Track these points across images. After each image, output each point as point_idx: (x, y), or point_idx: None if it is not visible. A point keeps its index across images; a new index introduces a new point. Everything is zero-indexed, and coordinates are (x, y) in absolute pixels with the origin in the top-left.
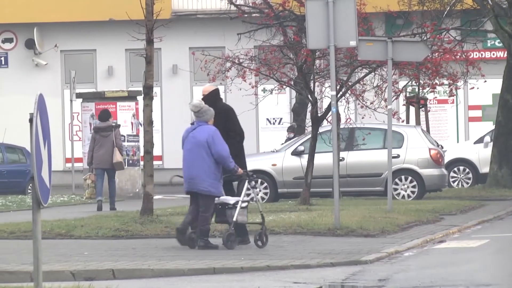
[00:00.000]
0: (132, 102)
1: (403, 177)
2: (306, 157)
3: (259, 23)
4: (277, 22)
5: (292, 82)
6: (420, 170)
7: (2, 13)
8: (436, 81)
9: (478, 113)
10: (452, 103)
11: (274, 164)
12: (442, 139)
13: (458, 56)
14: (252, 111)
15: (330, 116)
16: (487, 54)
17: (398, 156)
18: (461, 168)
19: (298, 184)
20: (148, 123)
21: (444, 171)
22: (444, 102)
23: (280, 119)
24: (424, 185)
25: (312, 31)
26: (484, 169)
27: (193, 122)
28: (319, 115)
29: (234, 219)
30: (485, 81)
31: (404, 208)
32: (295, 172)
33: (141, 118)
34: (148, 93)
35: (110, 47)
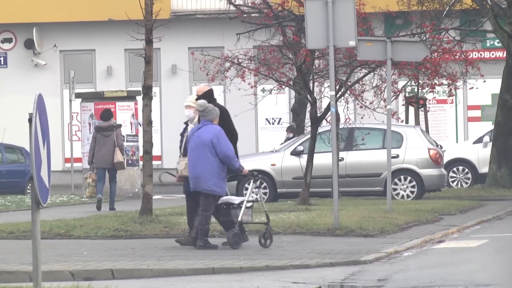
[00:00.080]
0: (131, 102)
1: (402, 177)
2: (305, 157)
3: (258, 23)
4: (276, 22)
5: (291, 82)
6: (419, 170)
7: (1, 13)
8: (435, 81)
9: (477, 113)
10: (451, 103)
11: (273, 164)
12: (441, 139)
13: (457, 56)
14: (251, 111)
15: (329, 116)
16: (486, 54)
17: (397, 156)
18: (460, 168)
19: (297, 184)
20: (147, 123)
21: (443, 171)
22: (443, 102)
23: (279, 119)
24: (423, 185)
25: (311, 31)
26: (483, 169)
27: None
28: (318, 115)
29: (239, 218)
30: (484, 81)
31: (404, 208)
32: (294, 172)
33: (140, 118)
34: (147, 93)
35: (109, 47)
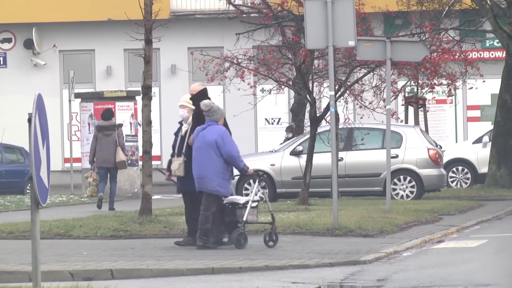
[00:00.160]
0: (130, 102)
1: (401, 177)
2: (304, 157)
3: (257, 23)
4: (275, 22)
5: (290, 82)
6: (418, 170)
7: (1, 13)
8: (435, 81)
9: (476, 113)
10: (451, 103)
11: (272, 164)
12: (440, 139)
13: (456, 56)
14: (251, 111)
15: (328, 116)
16: (485, 54)
17: (396, 156)
18: (459, 168)
19: (296, 184)
20: (147, 123)
21: (443, 171)
22: (442, 102)
23: (279, 119)
24: (423, 185)
25: (311, 31)
26: (483, 169)
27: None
28: (318, 115)
29: (244, 218)
30: (483, 81)
31: (403, 208)
32: (293, 172)
33: (139, 118)
34: (146, 93)
35: (109, 47)
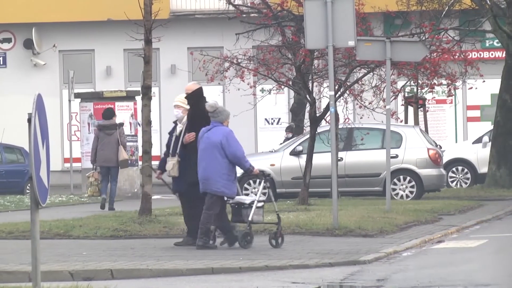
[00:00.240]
0: (130, 102)
1: (401, 177)
2: (304, 157)
3: (257, 23)
4: (275, 22)
5: (290, 82)
6: (418, 170)
7: (0, 13)
8: (435, 81)
9: (476, 113)
10: (451, 103)
11: (272, 164)
12: (440, 139)
13: (456, 56)
14: (251, 111)
15: (328, 116)
16: (485, 54)
17: (396, 156)
18: (459, 168)
19: (296, 184)
20: (147, 123)
21: (443, 171)
22: (442, 102)
23: (279, 119)
24: (423, 185)
25: (311, 31)
26: (483, 169)
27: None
28: (318, 115)
29: (250, 218)
30: (483, 81)
31: (403, 208)
32: (293, 172)
33: (139, 118)
34: (146, 93)
35: (109, 47)
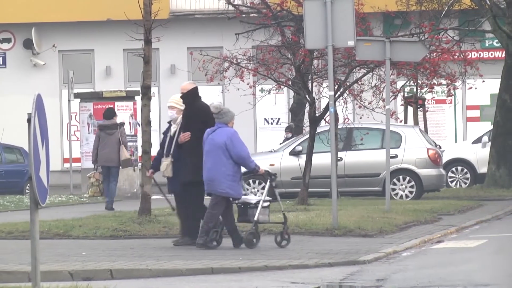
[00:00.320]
0: (130, 102)
1: (401, 177)
2: (304, 157)
3: (257, 23)
4: (275, 22)
5: (290, 82)
6: (418, 170)
7: (0, 13)
8: (434, 81)
9: (476, 113)
10: (450, 103)
11: (272, 164)
12: (440, 139)
13: (456, 56)
14: (250, 111)
15: (328, 116)
16: (485, 54)
17: (396, 156)
18: (459, 168)
19: (296, 184)
20: (146, 123)
21: (442, 171)
22: (442, 102)
23: (278, 119)
24: (422, 185)
25: (310, 31)
26: (482, 169)
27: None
28: (317, 115)
29: (255, 218)
30: (483, 81)
31: (402, 208)
32: (293, 172)
33: (139, 118)
34: (146, 93)
35: (108, 47)
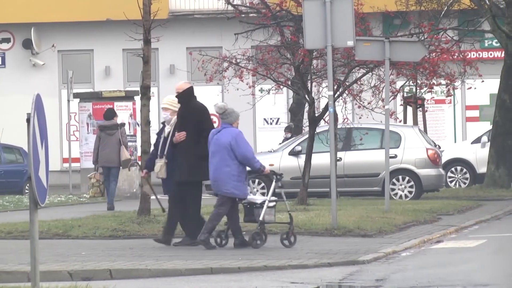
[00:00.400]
0: (129, 102)
1: (400, 177)
2: (303, 157)
3: (256, 23)
4: (274, 22)
5: (289, 82)
6: (417, 170)
7: None
8: (434, 81)
9: (475, 113)
10: (450, 103)
11: (271, 164)
12: (439, 139)
13: (455, 56)
14: (250, 111)
15: (327, 116)
16: (484, 54)
17: (395, 156)
18: (458, 168)
19: (295, 184)
20: (145, 123)
21: (442, 171)
22: (441, 102)
23: (278, 119)
24: (422, 185)
25: (309, 31)
26: (482, 169)
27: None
28: (317, 115)
29: (261, 218)
30: (482, 81)
31: (402, 208)
32: (292, 172)
33: (138, 118)
34: (145, 93)
35: (108, 47)
